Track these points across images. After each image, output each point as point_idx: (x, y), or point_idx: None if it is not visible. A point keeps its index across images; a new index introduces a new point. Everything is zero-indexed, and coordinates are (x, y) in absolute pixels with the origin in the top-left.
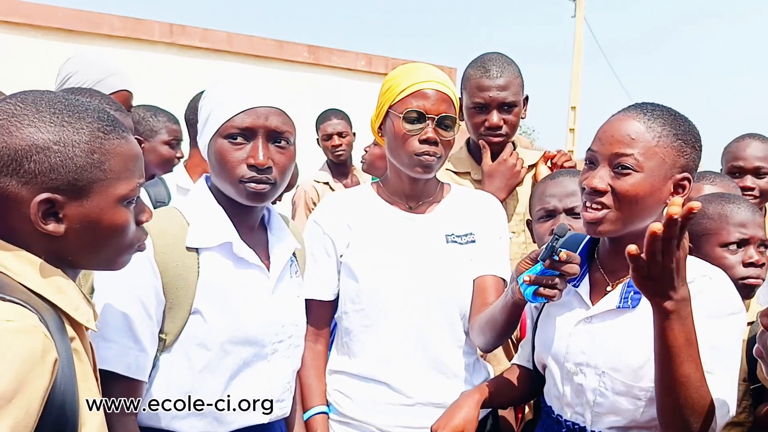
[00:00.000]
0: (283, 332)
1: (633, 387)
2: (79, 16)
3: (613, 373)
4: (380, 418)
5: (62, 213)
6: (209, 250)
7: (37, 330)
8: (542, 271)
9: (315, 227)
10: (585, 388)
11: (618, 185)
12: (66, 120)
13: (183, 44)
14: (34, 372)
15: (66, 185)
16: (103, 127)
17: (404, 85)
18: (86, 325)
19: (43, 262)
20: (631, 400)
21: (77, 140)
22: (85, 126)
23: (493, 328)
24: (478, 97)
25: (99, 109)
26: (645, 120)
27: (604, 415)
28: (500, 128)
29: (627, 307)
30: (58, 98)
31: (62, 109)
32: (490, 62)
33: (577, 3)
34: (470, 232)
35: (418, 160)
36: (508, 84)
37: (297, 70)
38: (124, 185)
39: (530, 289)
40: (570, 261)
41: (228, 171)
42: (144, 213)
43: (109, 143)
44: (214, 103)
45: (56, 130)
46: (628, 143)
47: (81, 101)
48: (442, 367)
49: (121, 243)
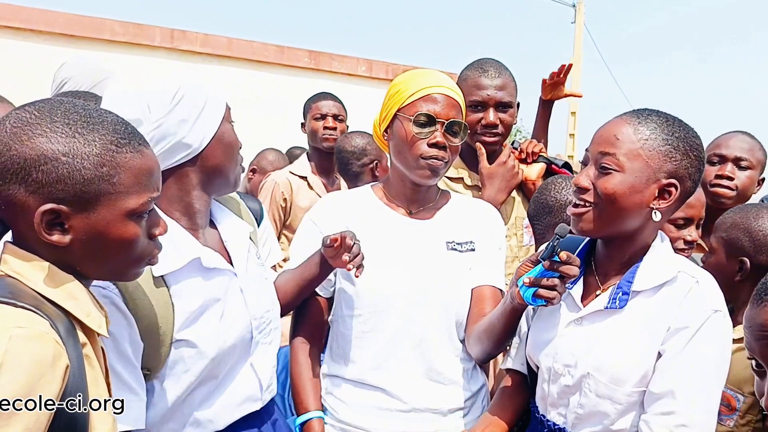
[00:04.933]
0: (261, 323)
1: (615, 390)
2: (81, 22)
3: (597, 375)
4: (376, 423)
5: (68, 224)
6: (177, 272)
7: (48, 336)
8: (542, 273)
9: (311, 226)
10: (570, 389)
11: (599, 183)
12: (79, 131)
13: (184, 49)
14: (45, 378)
15: (72, 197)
16: (117, 140)
17: (414, 88)
18: (98, 331)
19: (55, 268)
20: (612, 404)
21: (87, 152)
22: (98, 138)
23: (490, 335)
24: (475, 96)
25: (117, 121)
26: (635, 123)
27: (585, 419)
28: (496, 127)
29: (614, 308)
30: (76, 108)
31: (77, 119)
32: (487, 64)
33: (577, 9)
34: (471, 240)
35: (425, 164)
36: (505, 84)
37: (298, 75)
38: (134, 199)
39: (530, 291)
40: (570, 262)
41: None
42: (157, 227)
43: (120, 156)
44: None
45: (67, 141)
46: (613, 143)
47: (100, 112)
48: (438, 374)
49: (128, 257)
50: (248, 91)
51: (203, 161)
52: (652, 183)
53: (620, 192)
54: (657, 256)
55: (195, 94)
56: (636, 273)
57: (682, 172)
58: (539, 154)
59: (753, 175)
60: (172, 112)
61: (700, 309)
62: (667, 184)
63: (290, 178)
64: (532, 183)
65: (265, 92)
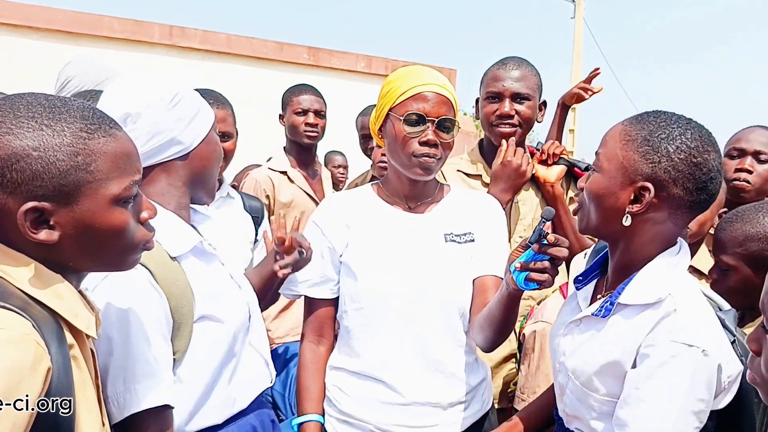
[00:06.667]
0: (252, 306)
1: (588, 395)
2: (80, 19)
3: (574, 377)
4: (377, 416)
5: (53, 220)
6: (185, 255)
7: (29, 338)
8: (532, 257)
9: (314, 228)
10: (562, 387)
11: (586, 183)
12: (45, 123)
13: (183, 46)
14: (24, 382)
15: (52, 192)
16: (87, 126)
17: (404, 87)
18: (86, 332)
19: (42, 267)
20: (587, 409)
21: (58, 143)
22: (67, 127)
23: (491, 323)
24: (492, 87)
25: (83, 107)
26: (627, 124)
27: (572, 417)
28: (511, 117)
29: (598, 315)
30: (39, 100)
31: (41, 111)
32: (509, 59)
33: (577, 4)
34: (469, 232)
35: (417, 162)
36: (523, 77)
37: (297, 72)
38: (116, 185)
39: (522, 276)
40: (558, 244)
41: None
42: (146, 210)
43: (93, 143)
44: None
45: (35, 135)
46: (602, 144)
47: (64, 100)
48: (439, 366)
49: (122, 244)
50: (248, 88)
51: (192, 160)
52: (628, 186)
53: (595, 192)
54: (655, 270)
55: (192, 98)
56: (627, 286)
57: (661, 175)
58: (560, 155)
59: None
60: (170, 110)
61: (669, 341)
62: (642, 188)
63: (270, 175)
64: (551, 185)
65: (264, 89)
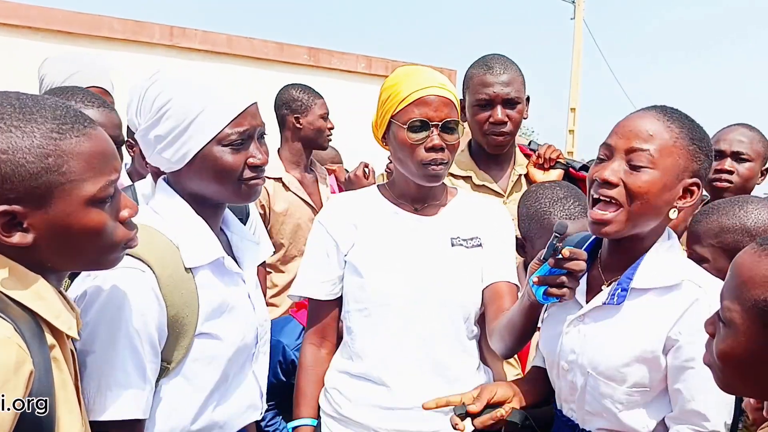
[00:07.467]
0: (262, 332)
1: (615, 389)
2: (79, 19)
3: (596, 374)
4: (379, 420)
5: (27, 222)
6: (202, 267)
7: (11, 341)
8: (550, 271)
9: (319, 227)
10: (576, 386)
11: (631, 180)
12: (14, 125)
13: (183, 46)
14: (7, 386)
15: (24, 194)
16: (58, 126)
17: (405, 93)
18: (68, 333)
19: (21, 268)
20: (613, 403)
21: (27, 145)
22: (36, 128)
23: (512, 332)
24: (482, 94)
25: (55, 106)
26: (664, 119)
27: (594, 416)
28: (505, 124)
29: (612, 303)
30: (9, 101)
31: (11, 112)
32: (493, 61)
33: (577, 5)
34: (476, 236)
35: (426, 170)
36: (511, 81)
37: (297, 72)
38: (90, 186)
39: (540, 290)
40: (574, 258)
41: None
42: (124, 209)
43: (65, 143)
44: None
45: (3, 137)
46: (646, 139)
47: (36, 100)
48: (443, 371)
49: (100, 245)
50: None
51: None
52: (679, 182)
53: (654, 190)
54: (661, 254)
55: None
56: (637, 270)
57: (702, 172)
58: (557, 160)
59: (753, 167)
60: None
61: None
62: (691, 184)
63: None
64: None
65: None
